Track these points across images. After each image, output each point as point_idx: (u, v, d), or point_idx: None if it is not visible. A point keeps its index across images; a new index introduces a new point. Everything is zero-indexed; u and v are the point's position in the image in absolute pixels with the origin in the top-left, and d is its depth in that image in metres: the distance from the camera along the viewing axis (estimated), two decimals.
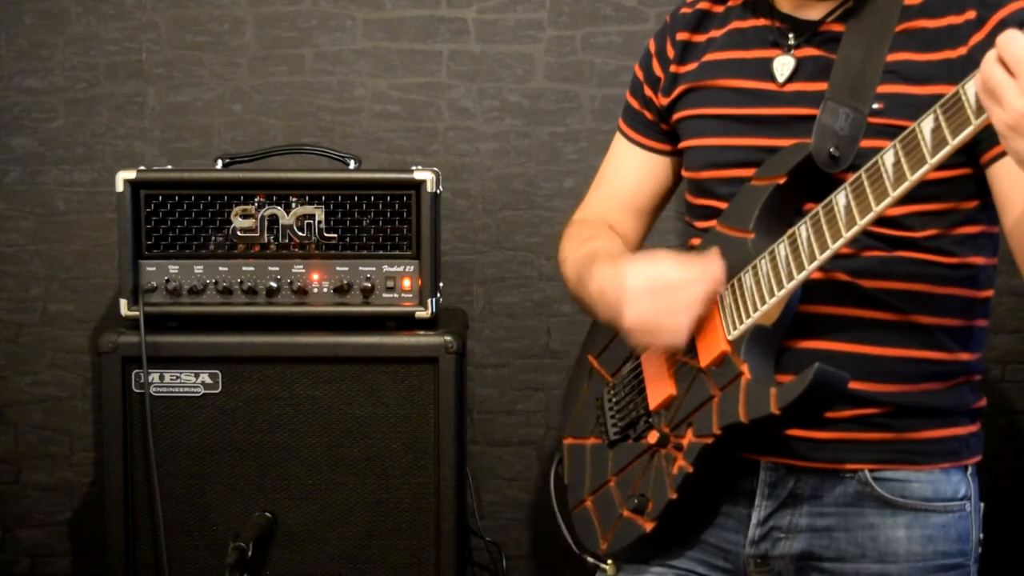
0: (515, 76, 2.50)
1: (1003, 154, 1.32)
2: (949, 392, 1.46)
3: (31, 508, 2.58)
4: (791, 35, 1.47)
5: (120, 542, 2.03)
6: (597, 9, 2.48)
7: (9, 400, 2.56)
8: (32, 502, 2.58)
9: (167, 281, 2.06)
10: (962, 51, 1.35)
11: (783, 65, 1.47)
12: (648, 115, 1.67)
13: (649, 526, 1.48)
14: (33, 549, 2.59)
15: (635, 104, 1.69)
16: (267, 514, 2.02)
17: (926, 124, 1.17)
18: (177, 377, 2.03)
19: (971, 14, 1.36)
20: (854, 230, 1.25)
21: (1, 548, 2.59)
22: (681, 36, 1.60)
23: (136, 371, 2.01)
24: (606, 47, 2.48)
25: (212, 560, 2.02)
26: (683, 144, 1.59)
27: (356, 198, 2.06)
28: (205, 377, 2.03)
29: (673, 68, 1.60)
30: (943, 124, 1.14)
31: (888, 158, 1.21)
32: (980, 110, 1.11)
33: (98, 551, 2.39)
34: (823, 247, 1.29)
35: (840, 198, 1.27)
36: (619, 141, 1.74)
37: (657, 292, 1.39)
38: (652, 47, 1.66)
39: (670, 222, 2.47)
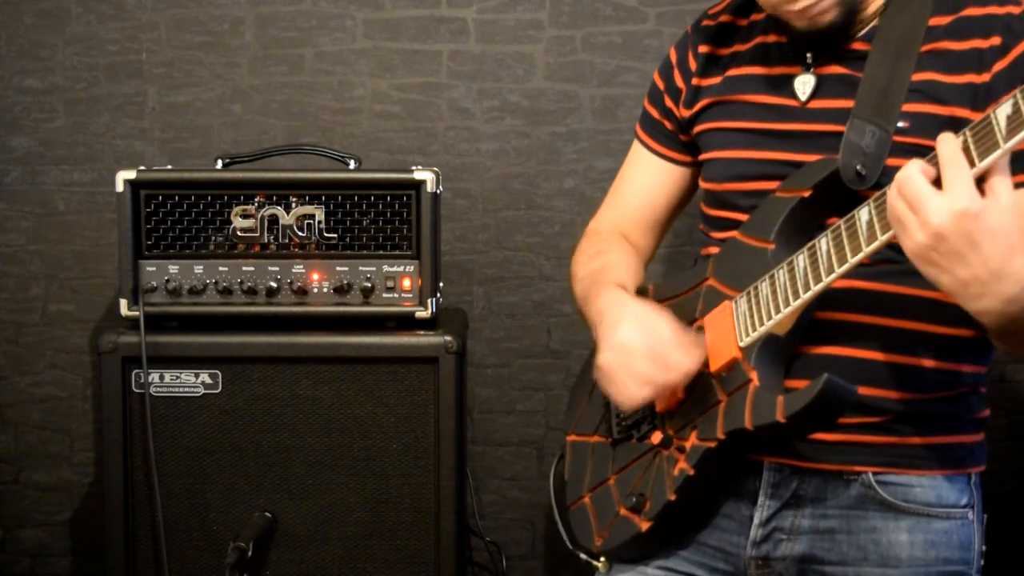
0: (515, 76, 2.50)
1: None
2: (956, 401, 1.46)
3: (31, 508, 2.58)
4: (809, 54, 1.48)
5: (120, 542, 2.03)
6: (597, 9, 2.48)
7: (9, 400, 2.56)
8: (32, 502, 2.58)
9: (167, 281, 2.06)
10: (985, 77, 1.36)
11: (804, 84, 1.48)
12: (668, 125, 1.67)
13: (645, 526, 1.48)
14: (33, 549, 2.59)
15: (654, 113, 1.69)
16: (267, 514, 2.02)
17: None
18: (177, 377, 2.03)
19: (996, 40, 1.37)
20: (874, 245, 1.25)
21: (1, 548, 2.59)
22: (703, 49, 1.61)
23: (136, 371, 2.01)
24: (606, 47, 2.48)
25: (212, 560, 2.02)
26: (705, 156, 1.59)
27: (356, 198, 2.06)
28: (205, 377, 2.03)
29: (695, 81, 1.60)
30: (972, 146, 1.15)
31: None
32: (1010, 135, 1.11)
33: (98, 551, 2.39)
34: (842, 260, 1.28)
35: (863, 213, 1.27)
36: (637, 149, 1.74)
37: (635, 360, 1.41)
38: (673, 57, 1.67)
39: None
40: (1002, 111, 1.11)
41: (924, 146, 1.21)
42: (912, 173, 1.16)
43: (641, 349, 1.41)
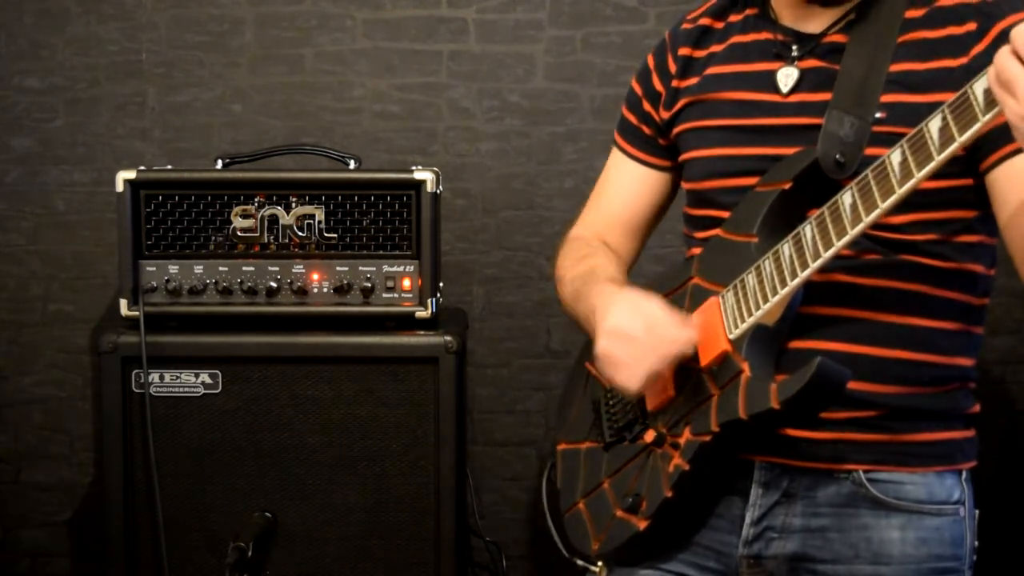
0: (515, 76, 2.50)
1: (1003, 159, 1.35)
2: (945, 396, 1.46)
3: (31, 508, 2.58)
4: (795, 47, 1.49)
5: (120, 542, 2.03)
6: (597, 9, 2.48)
7: (9, 400, 2.56)
8: (32, 502, 2.58)
9: (167, 281, 2.06)
10: (963, 60, 1.37)
11: (787, 76, 1.48)
12: (646, 130, 1.67)
13: (643, 525, 1.47)
14: (33, 549, 2.59)
15: (633, 119, 1.70)
16: (267, 514, 2.02)
17: (933, 124, 1.18)
18: (177, 377, 2.03)
19: (971, 25, 1.38)
20: (859, 228, 1.26)
21: (1, 548, 2.59)
22: (683, 51, 1.61)
23: (136, 371, 2.01)
24: (606, 47, 2.48)
25: (212, 560, 2.03)
26: (685, 156, 1.60)
27: (356, 198, 2.06)
28: (205, 377, 2.03)
29: (675, 83, 1.61)
30: (951, 122, 1.15)
31: (895, 157, 1.22)
32: (987, 108, 1.12)
33: (98, 551, 2.39)
34: (827, 245, 1.29)
35: (846, 197, 1.28)
36: (616, 156, 1.74)
37: (632, 338, 1.41)
38: (651, 62, 1.67)
39: (670, 222, 2.47)
40: (979, 85, 1.12)
41: (903, 134, 1.22)
42: None
43: (637, 326, 1.42)
